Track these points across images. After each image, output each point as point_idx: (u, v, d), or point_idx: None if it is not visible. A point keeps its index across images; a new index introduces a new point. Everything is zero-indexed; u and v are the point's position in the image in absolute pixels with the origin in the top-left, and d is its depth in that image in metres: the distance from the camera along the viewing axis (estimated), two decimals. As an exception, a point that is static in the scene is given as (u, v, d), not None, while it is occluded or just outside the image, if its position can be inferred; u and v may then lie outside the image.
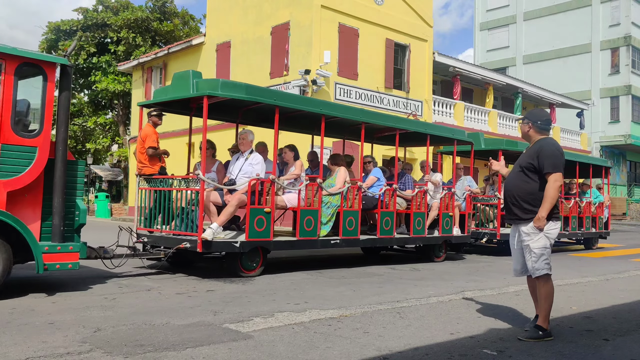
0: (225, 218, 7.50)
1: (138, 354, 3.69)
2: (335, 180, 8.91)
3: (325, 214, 8.57)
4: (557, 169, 4.58)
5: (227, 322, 4.74)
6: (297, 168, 8.57)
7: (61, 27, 28.99)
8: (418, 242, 10.23)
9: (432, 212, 10.51)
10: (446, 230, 10.56)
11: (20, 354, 3.59)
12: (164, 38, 29.86)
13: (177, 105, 8.42)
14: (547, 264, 4.61)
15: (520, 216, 4.70)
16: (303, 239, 8.13)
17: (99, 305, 5.29)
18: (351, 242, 8.91)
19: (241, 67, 20.51)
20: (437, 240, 10.48)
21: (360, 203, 8.98)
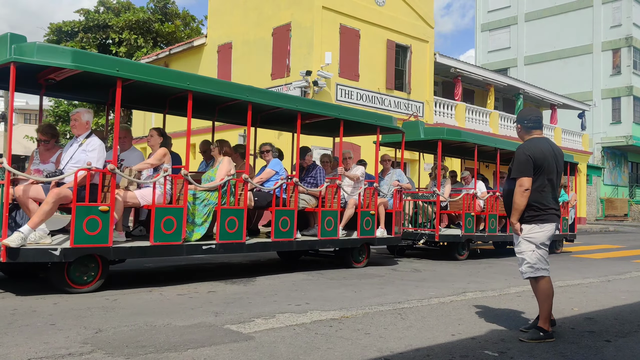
0: (40, 219, 5.83)
1: (139, 355, 3.69)
2: (217, 173, 7.51)
3: (200, 214, 7.15)
4: (521, 173, 4.56)
5: (229, 323, 4.74)
6: (155, 156, 6.95)
7: (62, 28, 29.00)
8: (328, 245, 8.81)
9: (348, 210, 9.09)
10: (366, 231, 9.16)
11: (22, 355, 3.59)
12: (165, 39, 29.87)
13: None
14: (529, 267, 4.62)
15: (512, 222, 4.76)
16: (160, 244, 6.57)
17: (100, 306, 5.29)
18: (232, 248, 7.35)
19: (242, 68, 20.53)
20: (355, 243, 9.09)
21: (246, 200, 7.54)
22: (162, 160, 6.91)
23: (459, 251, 11.15)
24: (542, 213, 4.64)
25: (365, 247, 9.40)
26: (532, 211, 4.62)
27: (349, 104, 18.54)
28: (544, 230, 4.64)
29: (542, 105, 30.86)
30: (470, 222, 11.09)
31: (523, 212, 4.66)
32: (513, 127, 25.43)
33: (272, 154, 8.65)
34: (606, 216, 36.07)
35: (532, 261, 4.62)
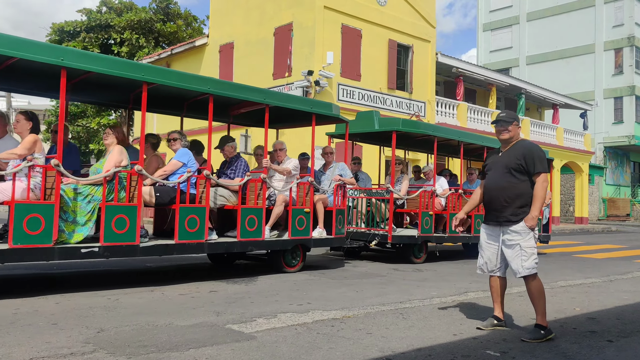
0: None
1: (141, 355, 3.69)
2: (104, 164, 6.55)
3: (83, 212, 6.16)
4: (545, 169, 4.71)
5: (230, 322, 4.74)
6: (22, 144, 6.07)
7: (65, 28, 29.03)
8: (251, 248, 7.75)
9: (276, 208, 8.11)
10: (299, 232, 8.21)
11: (24, 354, 3.60)
12: (167, 39, 29.89)
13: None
14: (536, 263, 4.68)
15: (510, 218, 4.73)
16: (19, 247, 5.57)
17: (102, 306, 5.30)
18: (121, 251, 6.36)
19: (244, 68, 20.53)
20: (285, 245, 8.11)
21: (140, 195, 6.59)
22: (31, 150, 5.96)
23: (415, 253, 10.16)
24: None
25: (300, 249, 8.39)
26: None
27: (350, 104, 18.54)
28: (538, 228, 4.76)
29: (544, 105, 30.85)
30: (427, 222, 10.13)
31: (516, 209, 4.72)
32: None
33: (181, 143, 7.48)
34: (608, 216, 36.04)
35: (535, 256, 4.69)
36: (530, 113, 29.88)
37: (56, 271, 7.71)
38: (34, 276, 7.27)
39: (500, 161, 4.87)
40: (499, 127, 4.89)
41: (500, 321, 4.93)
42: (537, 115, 31.25)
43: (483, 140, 12.14)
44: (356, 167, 11.08)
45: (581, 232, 23.85)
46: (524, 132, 25.74)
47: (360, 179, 10.98)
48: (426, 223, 10.13)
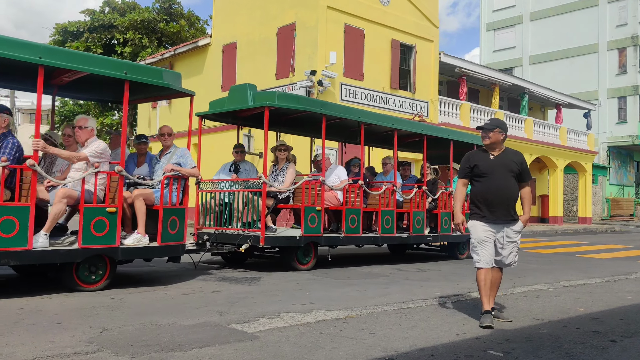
0: None
1: (144, 354, 3.70)
2: None
3: None
4: (530, 177, 5.38)
5: (233, 322, 4.75)
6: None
7: (68, 28, 29.11)
8: None
9: (55, 206, 6.03)
10: (98, 239, 6.14)
11: (28, 354, 3.61)
12: (170, 39, 29.95)
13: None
14: (516, 257, 5.35)
15: (514, 217, 5.21)
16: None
17: (106, 306, 5.31)
18: None
19: (247, 68, 20.55)
20: (71, 257, 5.95)
21: None
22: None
23: (298, 258, 8.45)
24: None
25: (107, 261, 6.30)
26: None
27: (353, 104, 18.53)
28: None
29: (547, 104, 30.78)
30: (314, 220, 8.49)
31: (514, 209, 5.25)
32: (519, 126, 25.40)
33: None
34: (612, 216, 35.94)
35: None
36: (533, 113, 29.83)
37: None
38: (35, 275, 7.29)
39: (499, 164, 5.19)
40: (482, 133, 5.30)
41: (494, 310, 5.27)
42: (541, 115, 31.20)
43: (421, 128, 11.02)
44: (239, 156, 9.32)
45: (584, 232, 23.80)
46: (527, 132, 25.70)
47: (243, 170, 9.18)
48: (312, 221, 8.44)
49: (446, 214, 10.70)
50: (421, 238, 10.45)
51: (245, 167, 9.26)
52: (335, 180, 9.31)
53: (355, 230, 9.15)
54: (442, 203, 10.75)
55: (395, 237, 10.02)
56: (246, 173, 9.15)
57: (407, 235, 10.19)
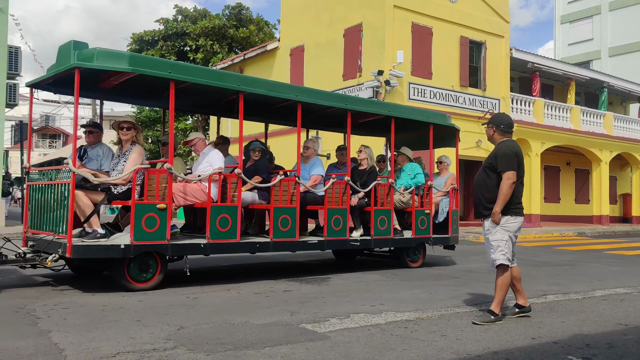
0: None
1: (219, 352, 3.81)
2: None
3: None
4: (509, 167, 5.06)
5: (304, 322, 4.81)
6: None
7: (144, 37, 30.35)
8: None
9: None
10: None
11: (112, 349, 3.80)
12: (240, 44, 30.61)
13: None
14: (502, 254, 5.08)
15: (482, 212, 5.25)
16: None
17: (182, 304, 5.50)
18: None
19: (314, 70, 20.71)
20: None
21: None
22: None
23: (130, 274, 6.23)
24: (517, 206, 5.17)
25: None
26: (509, 203, 5.10)
27: (422, 103, 18.32)
28: (517, 222, 5.16)
29: (629, 98, 29.25)
30: (151, 223, 6.22)
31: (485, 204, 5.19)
32: (597, 122, 24.28)
33: None
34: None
35: (506, 249, 5.09)
36: (613, 107, 28.39)
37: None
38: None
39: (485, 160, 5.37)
40: None
41: (522, 308, 5.29)
42: (622, 110, 29.66)
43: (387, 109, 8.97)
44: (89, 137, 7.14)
45: None
46: (607, 128, 24.54)
47: (93, 156, 7.07)
48: (148, 224, 6.20)
49: (382, 212, 8.56)
50: (340, 243, 8.12)
51: (98, 153, 7.04)
52: (207, 168, 7.13)
53: (233, 235, 6.91)
54: (381, 199, 8.61)
55: (295, 243, 7.62)
56: (97, 160, 6.98)
57: (316, 240, 7.87)
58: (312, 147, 8.67)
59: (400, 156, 9.56)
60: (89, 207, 6.22)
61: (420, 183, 9.20)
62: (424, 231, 9.09)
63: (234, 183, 7.07)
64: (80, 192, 6.13)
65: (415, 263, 9.14)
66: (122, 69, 6.17)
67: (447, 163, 10.17)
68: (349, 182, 8.17)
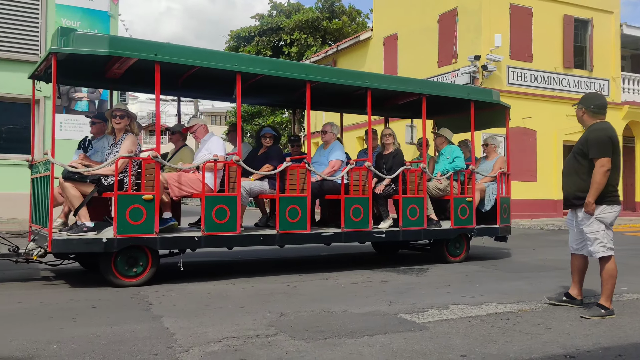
0: None
1: (319, 339, 3.89)
2: None
3: None
4: (602, 154, 4.70)
5: (402, 312, 4.79)
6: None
7: (240, 34, 31.29)
8: None
9: None
10: None
11: (218, 334, 3.99)
12: (333, 36, 30.79)
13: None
14: (602, 246, 4.78)
15: (573, 202, 4.94)
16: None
17: (282, 292, 5.67)
18: None
19: (408, 58, 20.45)
20: None
21: None
22: None
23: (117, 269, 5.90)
24: (613, 194, 4.80)
25: None
26: (604, 191, 4.74)
27: (522, 87, 17.61)
28: (614, 211, 4.81)
29: None
30: (138, 215, 5.90)
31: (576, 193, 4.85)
32: None
33: None
34: None
35: (605, 240, 4.78)
36: None
37: (240, 259, 8.40)
38: (219, 263, 8.01)
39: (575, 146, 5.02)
40: None
41: (572, 299, 5.13)
42: None
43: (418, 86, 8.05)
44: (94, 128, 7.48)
45: None
46: None
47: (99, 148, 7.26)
48: (133, 216, 5.86)
49: (413, 201, 7.73)
50: (361, 235, 7.46)
51: (103, 145, 7.15)
52: (205, 155, 6.68)
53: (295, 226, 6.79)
54: (412, 186, 7.81)
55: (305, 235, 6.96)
56: (102, 152, 7.00)
57: (332, 232, 7.21)
58: (331, 130, 7.97)
59: (439, 138, 8.75)
60: (78, 199, 5.99)
61: (459, 167, 8.25)
62: (465, 221, 8.16)
63: (234, 171, 6.56)
64: (69, 183, 5.96)
65: (456, 257, 8.24)
66: (99, 52, 5.76)
67: (494, 145, 9.27)
68: (370, 167, 7.41)
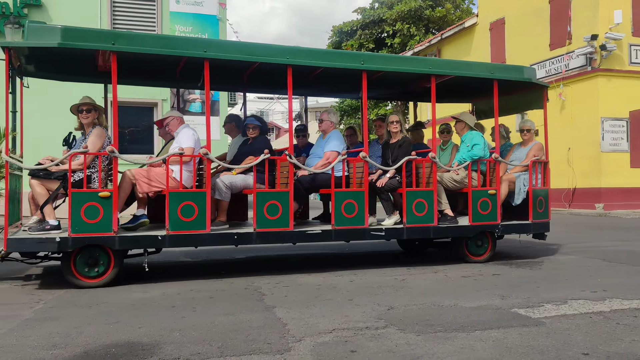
0: None
1: (429, 333, 3.85)
2: None
3: None
4: None
5: (516, 306, 4.62)
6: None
7: (343, 29, 31.46)
8: None
9: None
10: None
11: (328, 325, 4.07)
12: (436, 25, 30.13)
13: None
14: None
15: None
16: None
17: (391, 285, 5.66)
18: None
19: (517, 42, 19.57)
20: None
21: None
22: None
23: (78, 269, 5.66)
24: None
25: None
26: None
27: (646, 66, 16.25)
28: None
29: None
30: (94, 213, 5.64)
31: None
32: None
33: None
34: None
35: None
36: None
37: (348, 251, 8.48)
38: (326, 256, 8.14)
39: None
40: None
41: None
42: None
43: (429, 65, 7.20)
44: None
45: None
46: None
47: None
48: (89, 214, 5.59)
49: (419, 195, 6.92)
50: (355, 233, 6.70)
51: None
52: (175, 149, 6.31)
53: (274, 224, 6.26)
54: (419, 177, 7.02)
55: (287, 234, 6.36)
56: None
57: (320, 229, 6.59)
58: (328, 119, 7.31)
59: (459, 123, 7.77)
60: (43, 197, 5.87)
61: (477, 156, 7.28)
62: (486, 217, 7.19)
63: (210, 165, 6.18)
64: (35, 181, 5.86)
65: (479, 257, 7.27)
66: (49, 45, 5.48)
67: (534, 130, 8.06)
68: (365, 158, 6.73)
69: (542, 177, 7.74)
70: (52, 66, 6.71)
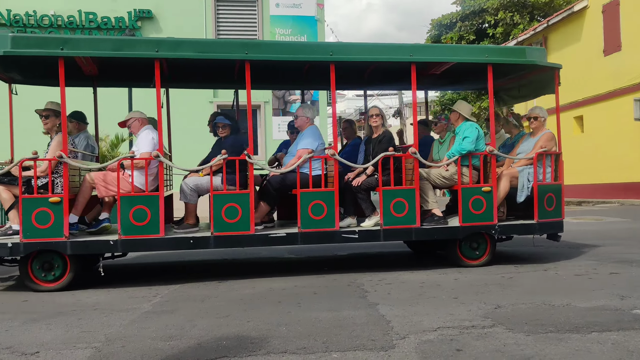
0: None
1: (540, 333, 3.69)
2: None
3: None
4: None
5: (638, 308, 4.31)
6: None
7: (442, 21, 30.78)
8: None
9: None
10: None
11: (432, 323, 4.01)
12: (542, 11, 28.66)
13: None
14: None
15: None
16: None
17: (497, 283, 5.48)
18: None
19: (634, 25, 18.18)
20: None
21: None
22: None
23: (35, 273, 5.78)
24: None
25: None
26: None
27: None
28: None
29: None
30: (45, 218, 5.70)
31: None
32: None
33: None
34: None
35: None
36: None
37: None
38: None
39: None
40: None
41: None
42: None
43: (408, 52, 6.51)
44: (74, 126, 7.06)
45: None
46: None
47: None
48: (39, 220, 5.68)
49: (398, 193, 6.37)
50: (324, 235, 6.26)
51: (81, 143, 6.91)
52: (137, 152, 6.25)
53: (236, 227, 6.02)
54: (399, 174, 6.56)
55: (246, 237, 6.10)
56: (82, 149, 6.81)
57: (284, 233, 6.24)
58: (303, 114, 6.83)
59: (453, 114, 7.05)
60: (9, 202, 6.01)
61: (465, 150, 6.57)
62: (480, 217, 6.50)
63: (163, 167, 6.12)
64: (1, 186, 6.03)
65: (474, 260, 6.62)
66: None
67: (543, 118, 7.14)
68: (334, 155, 6.36)
69: (553, 170, 6.96)
70: (37, 73, 6.90)
